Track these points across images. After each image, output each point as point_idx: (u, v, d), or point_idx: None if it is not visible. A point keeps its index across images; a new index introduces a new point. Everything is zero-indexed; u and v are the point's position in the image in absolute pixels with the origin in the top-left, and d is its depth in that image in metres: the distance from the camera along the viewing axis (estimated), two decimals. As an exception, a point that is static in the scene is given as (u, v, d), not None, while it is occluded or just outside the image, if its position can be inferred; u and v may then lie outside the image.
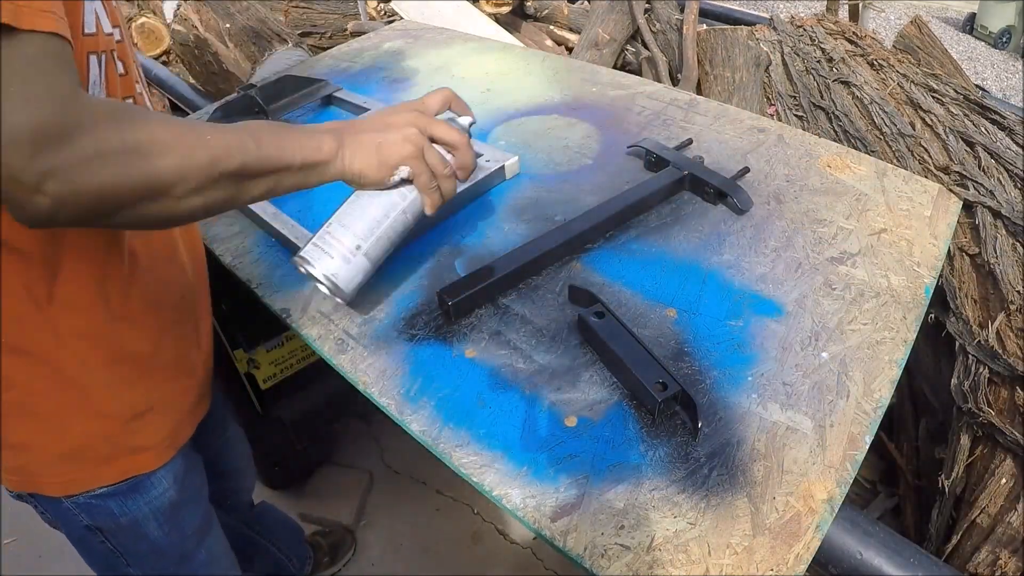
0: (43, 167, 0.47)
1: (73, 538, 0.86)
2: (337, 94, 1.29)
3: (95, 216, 0.54)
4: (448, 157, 0.73)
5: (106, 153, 0.51)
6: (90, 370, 0.73)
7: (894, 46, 1.98)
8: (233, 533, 1.06)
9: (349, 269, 0.72)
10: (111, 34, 0.67)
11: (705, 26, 2.07)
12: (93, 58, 0.63)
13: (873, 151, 1.46)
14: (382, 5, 2.26)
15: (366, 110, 1.21)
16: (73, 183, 0.49)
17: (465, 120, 0.77)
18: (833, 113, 1.61)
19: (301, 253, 0.73)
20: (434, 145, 0.72)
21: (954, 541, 0.95)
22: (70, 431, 0.75)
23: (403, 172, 0.70)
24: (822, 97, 1.68)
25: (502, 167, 1.01)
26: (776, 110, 1.69)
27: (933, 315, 1.22)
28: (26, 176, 0.47)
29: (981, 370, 1.09)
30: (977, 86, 1.75)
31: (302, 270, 0.73)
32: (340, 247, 0.72)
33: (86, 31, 0.62)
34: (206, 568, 0.99)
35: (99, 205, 0.52)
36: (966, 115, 1.57)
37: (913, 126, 1.55)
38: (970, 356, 1.12)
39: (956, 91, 1.66)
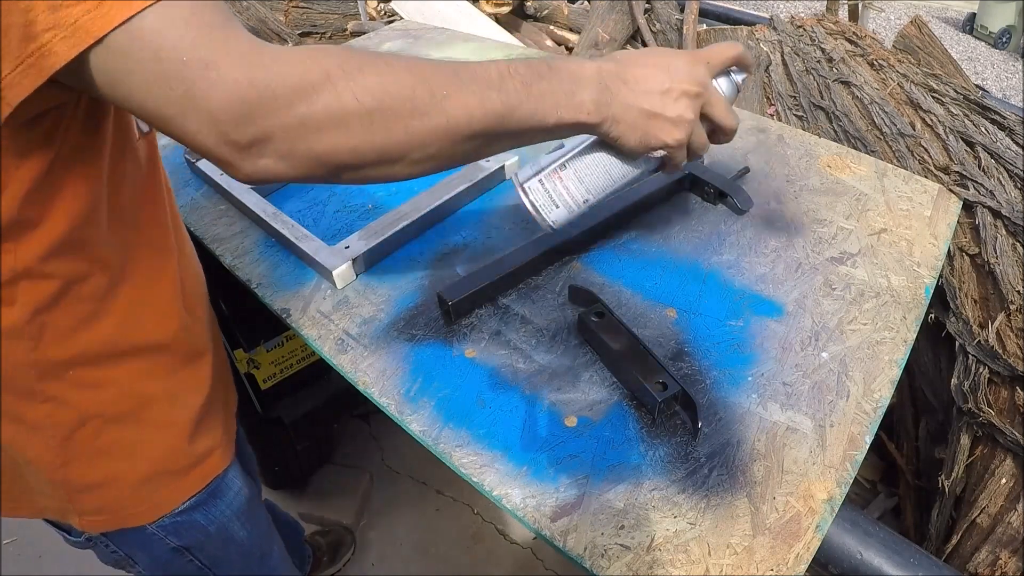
0: (257, 133, 0.44)
1: (158, 565, 0.81)
2: None
3: (315, 178, 0.49)
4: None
5: (325, 120, 0.45)
6: (153, 379, 0.70)
7: (894, 46, 1.98)
8: None
9: (569, 217, 0.68)
10: None
11: (705, 26, 2.07)
12: None
13: (873, 151, 1.46)
14: (382, 5, 2.26)
15: None
16: (292, 148, 0.45)
17: (740, 76, 0.67)
18: (833, 113, 1.61)
19: (528, 188, 0.66)
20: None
21: (954, 541, 0.95)
22: (145, 451, 0.71)
23: (659, 153, 0.63)
24: (822, 97, 1.68)
25: (502, 167, 1.01)
26: (776, 110, 1.69)
27: (933, 315, 1.22)
28: (242, 139, 0.44)
29: (981, 370, 1.09)
30: (977, 86, 1.75)
31: (520, 194, 0.67)
32: (569, 199, 0.67)
33: None
34: (281, 563, 0.96)
35: (319, 169, 0.47)
36: (966, 115, 1.57)
37: (913, 126, 1.55)
38: (970, 356, 1.12)
39: (956, 91, 1.66)
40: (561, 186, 0.66)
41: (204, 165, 1.12)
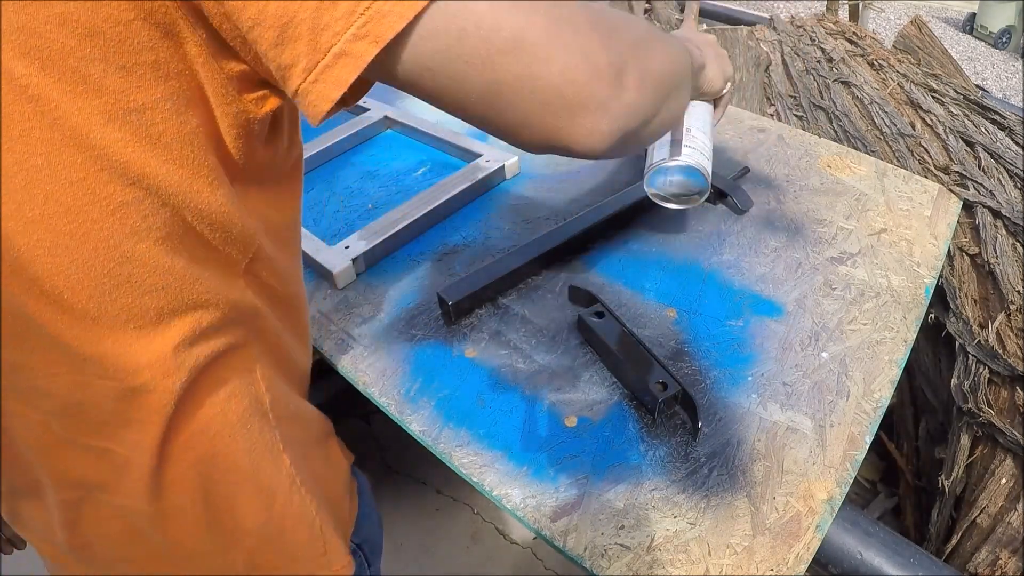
0: (617, 56, 0.39)
1: None
2: None
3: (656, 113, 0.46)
4: None
5: (648, 38, 0.45)
6: (306, 446, 0.60)
7: (894, 46, 1.98)
8: None
9: (710, 166, 0.78)
10: None
11: (705, 26, 2.07)
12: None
13: (873, 151, 1.46)
14: (382, 5, 2.25)
15: (366, 110, 1.21)
16: (642, 67, 0.42)
17: None
18: (833, 113, 1.61)
19: (684, 156, 0.74)
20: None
21: (954, 541, 0.95)
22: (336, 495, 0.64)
23: (728, 87, 0.74)
24: (822, 97, 1.68)
25: (502, 167, 1.01)
26: (776, 110, 1.69)
27: (933, 315, 1.22)
28: (614, 63, 0.39)
29: (981, 370, 1.09)
30: (977, 86, 1.75)
31: (673, 166, 0.76)
32: (706, 149, 0.76)
33: None
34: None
35: (661, 94, 0.45)
36: (966, 115, 1.57)
37: (913, 126, 1.55)
38: (970, 356, 1.12)
39: (956, 91, 1.66)
40: (698, 143, 0.75)
41: None
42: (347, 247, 0.89)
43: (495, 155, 1.03)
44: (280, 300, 0.54)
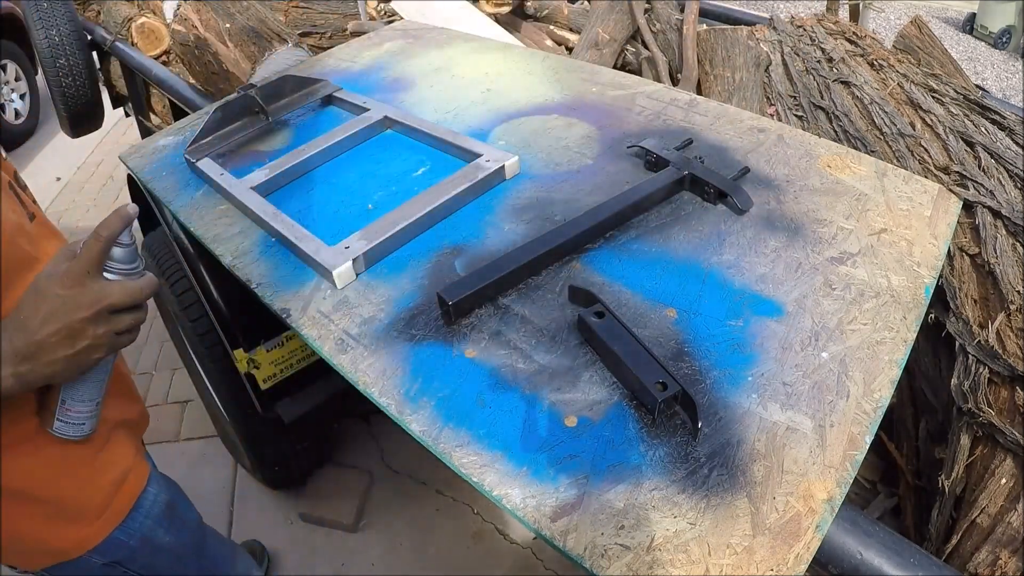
0: None
1: None
2: (337, 94, 1.30)
3: None
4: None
5: None
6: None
7: (894, 46, 1.98)
8: None
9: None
10: None
11: (705, 26, 2.07)
12: None
13: (873, 151, 1.46)
14: (382, 5, 2.25)
15: (366, 110, 1.21)
16: None
17: (124, 239, 0.69)
18: (833, 113, 1.61)
19: (56, 433, 0.75)
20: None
21: (954, 541, 0.95)
22: (66, 493, 0.76)
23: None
24: (822, 97, 1.68)
25: (502, 167, 1.01)
26: (776, 110, 1.69)
27: (933, 315, 1.22)
28: None
29: (981, 370, 1.09)
30: (977, 86, 1.75)
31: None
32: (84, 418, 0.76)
33: None
34: (219, 547, 0.99)
35: None
36: (966, 115, 1.57)
37: (913, 126, 1.54)
38: (970, 356, 1.12)
39: (956, 91, 1.66)
40: (73, 412, 0.75)
41: (204, 165, 1.12)
42: (347, 247, 0.89)
43: (495, 155, 1.03)
44: None
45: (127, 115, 2.81)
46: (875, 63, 1.80)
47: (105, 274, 0.68)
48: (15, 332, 0.64)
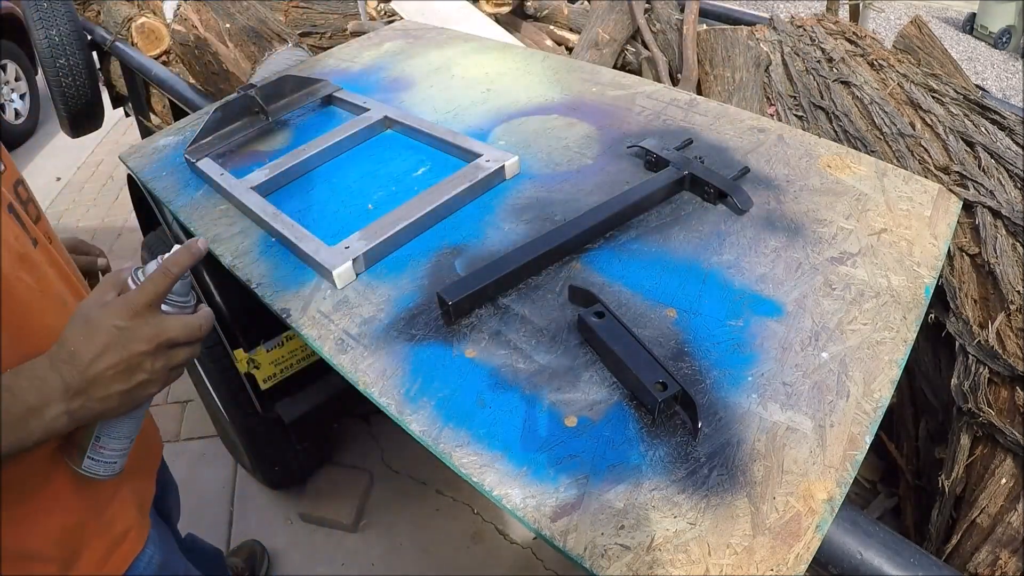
0: None
1: None
2: (337, 94, 1.30)
3: None
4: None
5: None
6: (55, 467, 0.71)
7: (894, 46, 1.98)
8: None
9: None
10: None
11: (705, 26, 2.07)
12: None
13: (873, 151, 1.46)
14: (382, 5, 2.25)
15: (366, 110, 1.21)
16: None
17: (183, 281, 0.68)
18: (833, 113, 1.61)
19: (83, 471, 0.72)
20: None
21: (954, 541, 0.95)
22: (73, 552, 0.73)
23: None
24: (822, 97, 1.68)
25: (502, 167, 1.01)
26: (776, 110, 1.69)
27: (933, 315, 1.22)
28: None
29: (981, 370, 1.09)
30: (977, 86, 1.75)
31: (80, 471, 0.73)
32: (117, 454, 0.73)
33: None
34: None
35: None
36: (966, 115, 1.57)
37: (913, 126, 1.54)
38: (970, 356, 1.12)
39: (956, 91, 1.66)
40: (107, 451, 0.71)
41: (204, 165, 1.12)
42: (347, 247, 0.89)
43: (495, 155, 1.03)
44: None
45: (127, 115, 2.81)
46: (875, 63, 1.80)
47: (161, 306, 0.66)
48: (64, 366, 0.60)
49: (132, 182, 1.68)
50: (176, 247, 0.67)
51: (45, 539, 0.72)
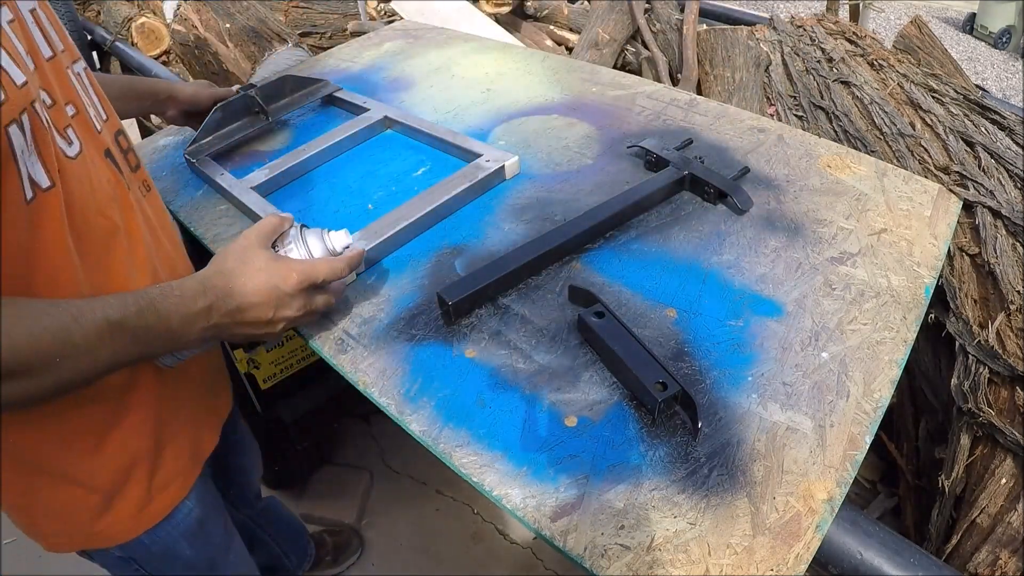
0: None
1: (106, 565, 0.85)
2: (337, 94, 1.30)
3: None
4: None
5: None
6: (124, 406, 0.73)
7: (894, 46, 1.98)
8: (236, 525, 1.06)
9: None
10: (26, 83, 0.57)
11: (705, 26, 2.07)
12: (13, 128, 0.55)
13: (873, 151, 1.46)
14: (382, 5, 2.25)
15: (366, 110, 1.21)
16: None
17: (339, 241, 0.76)
18: (833, 113, 1.61)
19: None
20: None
21: (954, 541, 0.95)
22: (99, 483, 0.75)
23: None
24: (822, 97, 1.68)
25: (502, 167, 1.01)
26: (776, 110, 1.69)
27: (933, 315, 1.22)
28: None
29: (981, 370, 1.09)
30: (977, 86, 1.75)
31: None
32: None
33: None
34: (235, 568, 0.98)
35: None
36: (966, 115, 1.57)
37: (913, 126, 1.54)
38: (970, 356, 1.12)
39: (956, 91, 1.66)
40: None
41: (204, 165, 1.12)
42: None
43: (495, 155, 1.03)
44: None
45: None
46: (875, 63, 1.80)
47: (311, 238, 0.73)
48: (217, 302, 0.64)
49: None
50: (343, 233, 0.75)
51: (99, 469, 0.74)
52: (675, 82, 1.84)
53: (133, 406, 0.75)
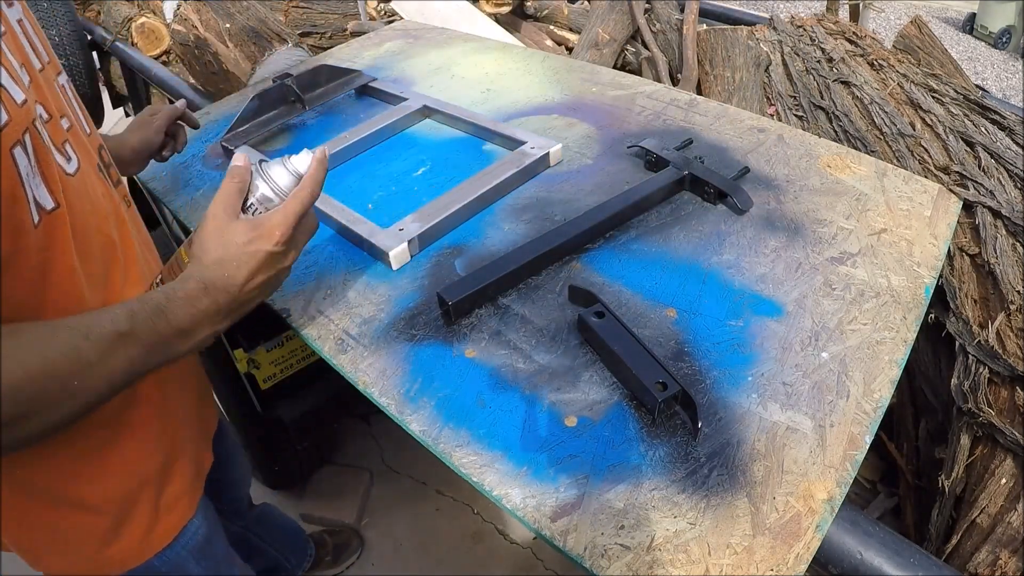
0: None
1: None
2: (372, 84, 1.31)
3: None
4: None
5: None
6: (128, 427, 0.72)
7: (894, 46, 1.98)
8: (232, 538, 1.05)
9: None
10: (25, 101, 0.55)
11: (705, 26, 2.07)
12: (17, 150, 0.53)
13: (873, 151, 1.46)
14: (382, 5, 2.25)
15: (404, 99, 1.22)
16: None
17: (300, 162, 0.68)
18: (833, 113, 1.61)
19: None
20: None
21: (954, 541, 0.95)
22: (112, 509, 0.74)
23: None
24: (822, 97, 1.68)
25: (547, 154, 1.02)
26: (776, 110, 1.69)
27: (933, 315, 1.22)
28: None
29: (981, 370, 1.09)
30: (977, 86, 1.75)
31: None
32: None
33: None
34: None
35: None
36: (966, 115, 1.57)
37: (913, 126, 1.54)
38: (970, 356, 1.12)
39: (956, 91, 1.66)
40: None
41: (241, 152, 1.12)
42: (401, 229, 0.89)
43: (539, 142, 1.05)
44: None
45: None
46: (875, 63, 1.80)
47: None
48: (220, 293, 0.62)
49: (131, 181, 1.68)
50: (305, 153, 0.67)
51: (108, 492, 0.73)
52: (675, 82, 1.84)
53: (135, 423, 0.73)
